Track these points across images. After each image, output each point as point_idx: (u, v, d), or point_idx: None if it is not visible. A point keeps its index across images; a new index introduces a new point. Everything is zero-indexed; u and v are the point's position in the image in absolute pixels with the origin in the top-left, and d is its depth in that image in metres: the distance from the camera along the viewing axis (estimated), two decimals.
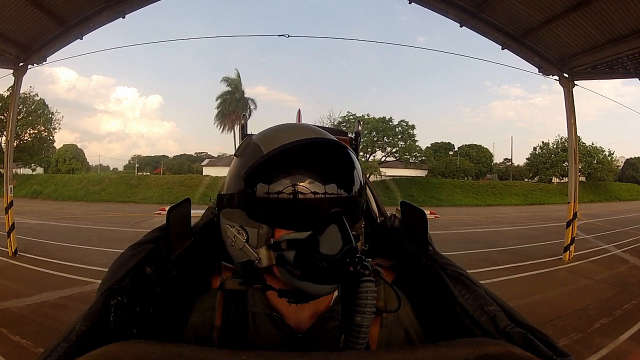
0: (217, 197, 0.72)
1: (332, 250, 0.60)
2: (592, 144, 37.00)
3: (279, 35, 8.66)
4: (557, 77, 7.94)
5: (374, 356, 0.49)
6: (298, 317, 0.72)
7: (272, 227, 0.64)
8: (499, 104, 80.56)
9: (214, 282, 0.81)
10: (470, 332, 0.63)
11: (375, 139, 29.93)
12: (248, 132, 1.84)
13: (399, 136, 30.26)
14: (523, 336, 0.53)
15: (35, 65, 8.23)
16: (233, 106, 34.59)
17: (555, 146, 36.94)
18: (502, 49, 7.55)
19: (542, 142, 38.35)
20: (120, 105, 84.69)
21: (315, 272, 0.60)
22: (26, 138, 32.06)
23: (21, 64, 7.94)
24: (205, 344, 0.70)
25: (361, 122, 2.10)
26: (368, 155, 30.83)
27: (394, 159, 31.93)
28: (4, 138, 32.25)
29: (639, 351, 3.72)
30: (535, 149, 38.76)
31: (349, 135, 1.86)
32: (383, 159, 31.77)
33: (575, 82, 8.03)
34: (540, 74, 8.01)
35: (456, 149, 41.46)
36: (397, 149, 30.64)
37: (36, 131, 32.87)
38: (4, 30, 6.99)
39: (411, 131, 30.43)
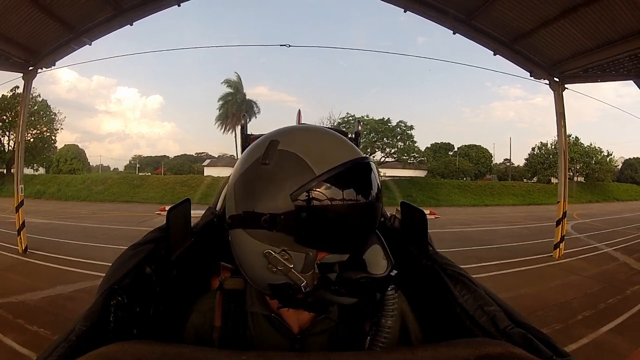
0: (241, 214, 0.64)
1: (379, 270, 0.62)
2: (591, 144, 37.19)
3: (281, 45, 8.91)
4: (547, 81, 8.21)
5: (374, 356, 0.50)
6: (296, 317, 0.72)
7: (323, 251, 0.62)
8: (499, 104, 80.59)
9: (213, 283, 0.82)
10: (470, 332, 0.64)
11: (374, 140, 30.18)
12: (248, 132, 1.90)
13: (398, 137, 30.53)
14: (523, 336, 0.54)
15: (44, 69, 8.47)
16: (235, 108, 34.93)
17: (553, 147, 37.04)
18: (494, 54, 7.82)
19: (541, 142, 38.44)
20: (121, 105, 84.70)
21: (362, 289, 0.62)
22: (28, 138, 32.31)
23: (31, 68, 8.16)
24: (205, 344, 0.70)
25: (361, 122, 2.18)
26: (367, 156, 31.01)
27: (393, 160, 32.19)
28: (5, 138, 32.63)
29: (639, 351, 3.74)
30: (533, 149, 38.88)
31: (349, 135, 1.86)
32: (382, 159, 32.03)
33: (566, 85, 8.29)
34: (532, 78, 8.27)
35: (456, 149, 41.51)
36: (396, 149, 30.92)
37: (39, 132, 33.16)
38: (15, 35, 7.22)
39: (410, 132, 30.71)
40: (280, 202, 0.60)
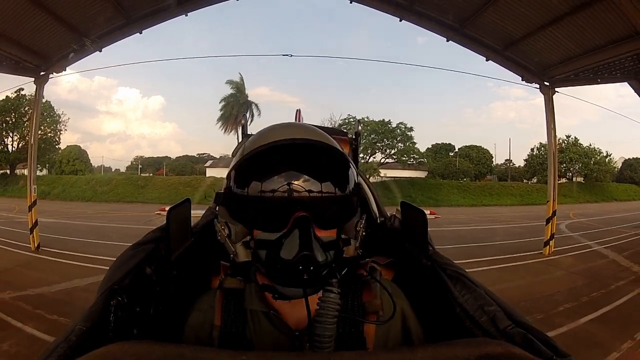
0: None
1: (289, 255, 0.60)
2: (590, 144, 37.33)
3: (283, 55, 9.05)
4: (537, 85, 8.52)
5: (374, 356, 0.49)
6: (294, 315, 0.71)
7: (246, 226, 0.67)
8: (500, 105, 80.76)
9: (214, 282, 0.82)
10: (470, 332, 0.63)
11: (374, 142, 30.49)
12: (248, 132, 1.94)
13: (398, 138, 30.82)
14: (523, 336, 0.53)
15: (55, 74, 8.75)
16: (236, 109, 35.17)
17: None
18: (487, 60, 8.16)
19: (540, 143, 38.29)
20: (122, 106, 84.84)
21: (277, 274, 0.62)
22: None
23: (42, 73, 8.45)
24: (205, 344, 0.72)
25: (361, 123, 2.16)
26: (368, 157, 31.41)
27: (393, 161, 32.47)
28: (9, 139, 33.00)
29: (638, 352, 3.81)
30: (532, 150, 38.89)
31: (349, 136, 1.88)
32: (382, 160, 32.31)
33: (557, 89, 8.58)
34: (524, 82, 8.59)
35: (456, 150, 41.48)
36: (396, 150, 31.19)
37: (42, 133, 33.46)
38: (27, 41, 7.52)
39: (409, 133, 31.02)
40: (226, 182, 0.72)
